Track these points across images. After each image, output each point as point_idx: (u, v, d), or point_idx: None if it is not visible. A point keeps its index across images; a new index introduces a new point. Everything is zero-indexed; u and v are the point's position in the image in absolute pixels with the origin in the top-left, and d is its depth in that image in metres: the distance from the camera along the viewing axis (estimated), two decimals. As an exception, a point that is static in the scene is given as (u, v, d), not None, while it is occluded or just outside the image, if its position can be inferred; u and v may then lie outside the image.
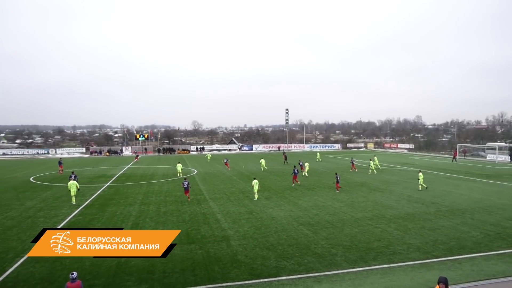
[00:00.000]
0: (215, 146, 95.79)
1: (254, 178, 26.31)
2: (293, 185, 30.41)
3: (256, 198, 24.41)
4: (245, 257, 13.86)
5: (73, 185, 24.41)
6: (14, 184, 33.01)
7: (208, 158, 57.07)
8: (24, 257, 13.93)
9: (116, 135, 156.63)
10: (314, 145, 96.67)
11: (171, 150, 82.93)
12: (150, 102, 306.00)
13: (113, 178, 36.70)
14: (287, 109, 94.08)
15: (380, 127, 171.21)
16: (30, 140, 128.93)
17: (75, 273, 9.23)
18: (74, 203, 23.68)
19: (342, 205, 22.54)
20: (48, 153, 79.95)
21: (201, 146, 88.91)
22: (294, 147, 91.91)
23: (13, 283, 11.81)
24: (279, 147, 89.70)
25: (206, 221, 18.88)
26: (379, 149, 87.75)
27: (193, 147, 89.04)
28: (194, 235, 16.50)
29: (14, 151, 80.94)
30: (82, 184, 32.25)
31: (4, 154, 78.13)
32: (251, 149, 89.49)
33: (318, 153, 62.31)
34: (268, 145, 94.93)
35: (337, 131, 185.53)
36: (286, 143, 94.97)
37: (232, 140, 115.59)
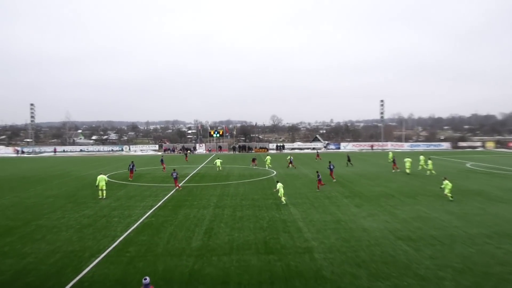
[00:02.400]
0: (296, 144, 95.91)
1: (278, 182, 27.34)
2: (323, 186, 30.85)
3: (284, 202, 24.86)
4: (331, 273, 13.62)
5: (102, 179, 27.90)
6: (90, 181, 36.69)
7: (268, 162, 47.79)
8: (99, 257, 15.41)
9: (189, 132, 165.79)
10: (415, 143, 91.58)
11: (247, 149, 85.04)
12: (225, 96, 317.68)
13: (186, 178, 38.52)
14: (382, 101, 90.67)
15: (503, 122, 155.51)
16: (106, 137, 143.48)
17: (148, 278, 9.92)
18: (102, 197, 27.55)
19: (452, 218, 21.04)
20: (122, 150, 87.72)
21: (281, 144, 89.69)
22: (390, 146, 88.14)
23: (89, 283, 13.13)
24: (371, 146, 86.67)
25: (287, 230, 18.97)
26: (502, 150, 79.84)
27: (272, 145, 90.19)
28: (273, 245, 16.62)
29: (91, 148, 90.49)
30: (155, 184, 34.58)
31: (81, 150, 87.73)
32: (338, 148, 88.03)
33: (390, 153, 57.79)
34: (359, 143, 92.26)
35: (446, 127, 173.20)
36: (380, 141, 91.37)
37: (316, 137, 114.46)
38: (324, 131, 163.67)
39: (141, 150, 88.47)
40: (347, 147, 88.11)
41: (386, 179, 36.39)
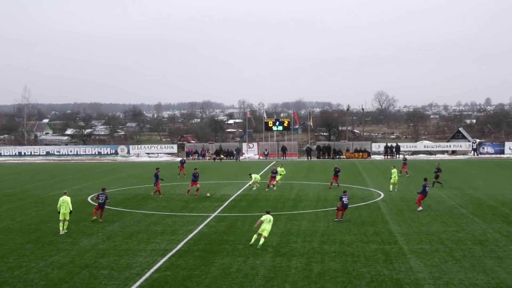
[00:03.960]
0: (422, 144, 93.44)
1: (268, 212, 26.47)
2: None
3: (259, 244, 25.02)
4: None
5: (64, 203, 28.84)
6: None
7: (394, 178, 45.04)
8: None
9: (230, 122, 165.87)
10: None
11: (333, 152, 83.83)
12: (292, 61, 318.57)
13: (226, 203, 38.79)
14: None
15: None
16: (88, 131, 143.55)
17: None
18: (61, 233, 28.60)
19: None
20: (116, 153, 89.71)
21: (395, 145, 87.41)
22: None
23: None
24: None
25: (406, 300, 18.58)
26: None
27: (377, 146, 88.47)
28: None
29: (64, 149, 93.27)
30: (172, 212, 34.64)
31: (48, 153, 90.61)
32: (502, 151, 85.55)
33: None
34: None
35: None
36: None
37: (458, 131, 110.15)
38: (474, 120, 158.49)
39: (148, 154, 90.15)
40: None
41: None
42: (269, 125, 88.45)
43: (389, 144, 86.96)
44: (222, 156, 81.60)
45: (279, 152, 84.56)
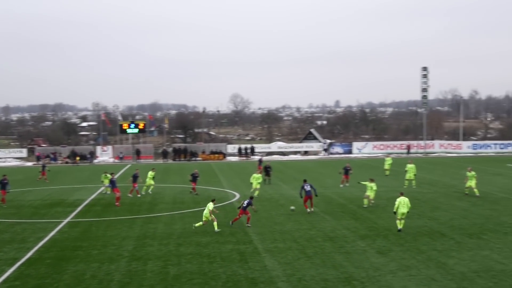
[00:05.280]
0: (276, 145, 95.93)
1: (213, 200, 30.74)
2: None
3: (197, 226, 28.93)
4: None
5: None
6: None
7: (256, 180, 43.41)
8: None
9: (84, 124, 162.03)
10: (483, 142, 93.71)
11: (190, 154, 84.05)
12: (150, 62, 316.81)
13: (79, 208, 38.02)
14: (424, 69, 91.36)
15: None
16: None
17: None
18: None
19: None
20: None
21: (250, 146, 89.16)
22: (439, 147, 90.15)
23: None
24: (408, 147, 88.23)
25: (259, 297, 18.70)
26: None
27: (232, 147, 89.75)
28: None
29: None
30: (22, 220, 33.23)
31: None
32: (350, 151, 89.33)
33: (387, 159, 58.45)
34: (385, 142, 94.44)
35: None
36: (422, 138, 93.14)
37: (309, 133, 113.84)
38: (325, 122, 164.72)
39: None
40: (363, 149, 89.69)
41: (433, 205, 36.80)
42: (124, 127, 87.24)
43: (243, 146, 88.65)
44: (77, 158, 79.51)
45: (133, 154, 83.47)
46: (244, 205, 30.26)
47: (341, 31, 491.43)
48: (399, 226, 28.16)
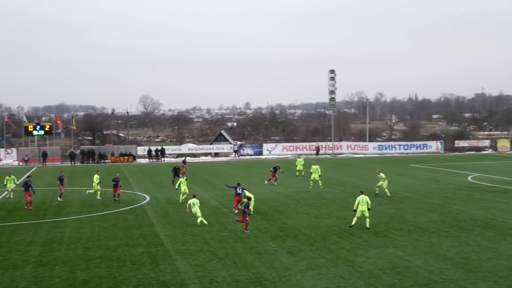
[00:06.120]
0: (186, 147, 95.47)
1: (194, 196, 32.47)
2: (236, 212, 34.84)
3: (201, 222, 30.62)
4: None
5: None
6: None
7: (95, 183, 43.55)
8: None
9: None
10: (388, 143, 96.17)
11: (98, 156, 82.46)
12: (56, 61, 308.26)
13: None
14: (332, 72, 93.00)
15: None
16: None
17: None
18: None
19: (445, 267, 21.82)
20: None
21: (160, 148, 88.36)
22: (347, 148, 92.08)
23: None
24: (317, 149, 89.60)
25: (170, 301, 18.66)
26: None
27: (142, 149, 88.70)
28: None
29: None
30: None
31: None
32: (260, 153, 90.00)
33: (298, 160, 59.60)
34: (294, 144, 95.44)
35: (436, 116, 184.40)
36: (330, 140, 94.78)
37: (220, 134, 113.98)
38: (235, 123, 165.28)
39: None
40: (273, 151, 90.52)
41: (341, 205, 37.63)
42: (30, 129, 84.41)
43: (154, 148, 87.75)
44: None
45: (39, 157, 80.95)
46: (244, 207, 30.17)
47: (251, 33, 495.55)
48: (353, 223, 29.29)
